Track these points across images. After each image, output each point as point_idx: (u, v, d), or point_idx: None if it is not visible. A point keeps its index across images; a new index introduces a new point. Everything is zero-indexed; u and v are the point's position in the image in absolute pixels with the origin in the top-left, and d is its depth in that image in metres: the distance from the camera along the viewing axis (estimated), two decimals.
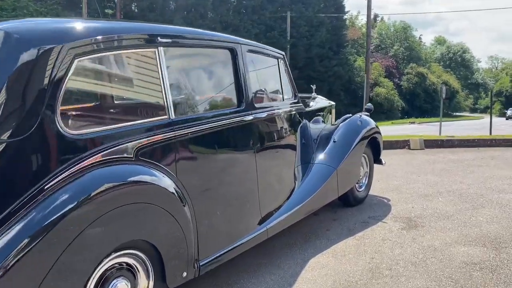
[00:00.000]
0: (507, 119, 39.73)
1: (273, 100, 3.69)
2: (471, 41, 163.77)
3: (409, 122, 35.32)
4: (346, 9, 37.26)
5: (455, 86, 49.95)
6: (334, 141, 4.43)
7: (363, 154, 4.99)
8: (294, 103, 3.92)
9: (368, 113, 5.11)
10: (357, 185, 4.93)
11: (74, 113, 2.28)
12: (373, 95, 39.12)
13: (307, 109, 4.34)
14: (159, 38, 2.38)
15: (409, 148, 9.51)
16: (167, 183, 2.33)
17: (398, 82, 43.93)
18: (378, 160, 5.35)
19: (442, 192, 5.55)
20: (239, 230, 2.93)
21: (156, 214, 2.24)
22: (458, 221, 4.35)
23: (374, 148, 5.20)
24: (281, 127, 3.62)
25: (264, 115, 3.20)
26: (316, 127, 4.67)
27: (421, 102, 45.07)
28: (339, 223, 4.34)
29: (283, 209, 3.43)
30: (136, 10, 27.52)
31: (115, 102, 2.65)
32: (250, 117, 3.00)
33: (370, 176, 5.15)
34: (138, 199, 2.16)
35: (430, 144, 9.78)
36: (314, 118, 4.80)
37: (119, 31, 2.25)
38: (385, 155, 9.02)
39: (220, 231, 2.75)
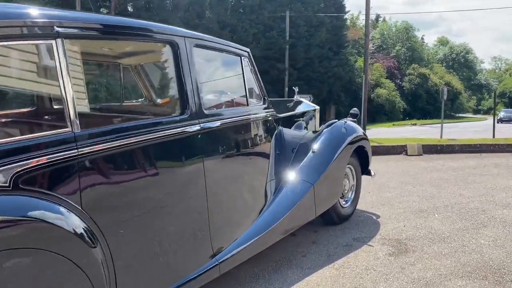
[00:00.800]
0: (498, 122, 36.69)
1: (233, 105, 3.12)
2: (474, 41, 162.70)
3: (411, 123, 34.70)
4: (347, 9, 36.62)
5: (458, 87, 49.22)
6: (312, 152, 3.85)
7: (349, 166, 4.42)
8: (263, 108, 3.35)
9: (354, 119, 4.52)
10: (341, 200, 4.36)
11: None
12: (374, 96, 38.55)
13: (281, 115, 3.76)
14: (56, 27, 1.80)
15: (406, 154, 8.92)
16: (67, 219, 1.76)
17: (400, 83, 43.29)
18: (366, 171, 4.78)
19: (439, 207, 4.96)
20: (178, 269, 2.35)
21: (48, 264, 1.67)
22: (456, 245, 3.76)
23: (362, 158, 4.62)
24: (244, 138, 3.05)
25: (217, 124, 2.62)
26: (294, 136, 4.10)
27: (423, 103, 44.41)
28: (318, 246, 3.76)
29: (243, 237, 2.85)
30: (131, 9, 26.98)
31: None
32: (195, 127, 2.42)
33: (357, 190, 4.57)
34: (18, 243, 1.59)
35: (429, 149, 9.18)
36: (293, 124, 4.24)
37: None
38: (380, 161, 8.46)
39: (150, 273, 2.18)
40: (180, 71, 2.40)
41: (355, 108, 4.54)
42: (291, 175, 3.61)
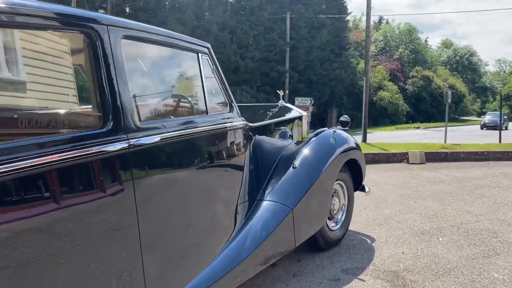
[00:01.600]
0: (482, 128, 29.68)
1: (186, 114, 2.52)
2: (478, 44, 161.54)
3: (414, 127, 33.98)
4: (349, 11, 35.95)
5: (462, 90, 48.40)
6: (293, 167, 3.24)
7: (338, 182, 3.82)
8: (228, 117, 2.74)
9: (345, 128, 3.92)
10: (330, 222, 3.75)
11: None
12: (377, 99, 37.87)
13: (256, 124, 3.16)
14: None
15: (408, 162, 8.31)
16: None
17: (403, 85, 42.56)
18: (360, 187, 4.17)
19: (443, 227, 4.33)
20: None
21: None
22: (464, 279, 3.14)
23: (355, 172, 4.01)
24: (201, 155, 2.45)
25: (154, 139, 2.01)
26: (276, 147, 3.50)
27: (426, 106, 43.64)
28: (300, 281, 3.14)
29: (195, 283, 2.24)
30: (128, 10, 26.47)
31: None
32: (120, 145, 1.82)
33: (348, 210, 3.96)
34: None
35: (432, 157, 8.56)
36: (273, 134, 3.64)
37: None
38: (379, 170, 7.81)
39: None
40: (99, 70, 1.79)
41: (345, 115, 3.93)
42: (268, 197, 3.00)
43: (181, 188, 2.26)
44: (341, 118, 3.92)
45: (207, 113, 2.53)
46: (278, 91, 4.57)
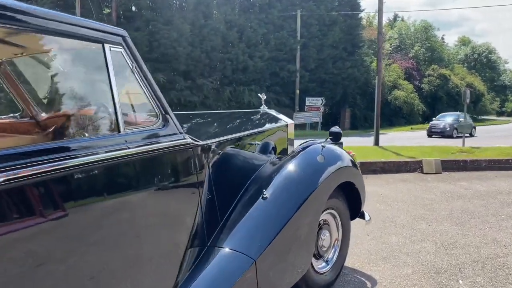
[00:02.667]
0: (429, 135, 21.46)
1: (81, 133, 1.74)
2: (497, 41, 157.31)
3: None
4: (362, 7, 34.90)
5: (481, 89, 46.77)
6: (263, 197, 2.43)
7: (330, 211, 3.00)
8: (158, 134, 1.94)
9: (338, 141, 3.09)
10: (318, 263, 2.94)
11: None
12: (391, 98, 36.73)
13: (207, 141, 2.33)
14: None
15: (422, 172, 7.40)
16: None
17: (419, 84, 41.24)
18: (359, 214, 3.35)
19: (465, 263, 3.47)
20: None
21: None
22: None
23: (351, 196, 3.19)
24: (109, 189, 1.66)
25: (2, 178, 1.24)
26: (248, 166, 2.70)
27: (443, 106, 42.18)
28: None
29: None
30: (134, 9, 25.87)
31: None
32: None
33: (343, 246, 3.14)
34: None
35: (450, 165, 7.65)
36: (244, 151, 2.83)
37: None
38: (389, 182, 6.88)
39: None
40: None
41: (336, 127, 3.09)
42: (221, 242, 2.20)
43: (78, 242, 1.48)
44: (332, 129, 3.07)
45: (120, 131, 1.74)
46: (259, 94, 3.75)
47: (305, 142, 3.32)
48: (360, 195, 3.19)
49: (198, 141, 2.21)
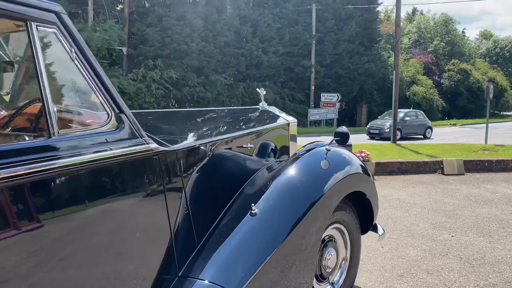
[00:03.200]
0: (370, 136, 18.93)
1: None
2: None
3: (450, 124, 31.80)
4: (380, 1, 33.99)
5: (503, 84, 45.28)
6: (251, 214, 2.00)
7: (337, 224, 2.56)
8: (106, 139, 1.51)
9: (347, 144, 2.63)
10: (320, 286, 2.50)
11: None
12: (409, 94, 35.83)
13: (177, 147, 1.88)
14: None
15: (443, 173, 6.86)
16: None
17: (438, 79, 40.12)
18: (372, 227, 2.89)
19: (495, 285, 2.99)
20: None
21: None
22: None
23: (362, 207, 2.74)
24: (35, 214, 1.26)
25: None
26: (229, 179, 2.26)
27: (464, 102, 41.01)
28: None
29: None
30: (147, 5, 25.61)
31: None
32: None
33: (352, 265, 2.69)
34: None
35: (473, 166, 7.09)
36: (228, 159, 2.38)
37: None
38: (407, 184, 6.32)
39: None
40: None
41: (343, 127, 2.63)
42: (195, 272, 1.78)
43: None
44: (338, 129, 2.61)
45: (52, 135, 1.33)
46: (257, 89, 3.32)
47: (309, 144, 2.90)
48: (372, 206, 2.74)
49: (169, 146, 1.79)
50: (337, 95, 27.91)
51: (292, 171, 2.31)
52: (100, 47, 21.93)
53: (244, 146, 2.43)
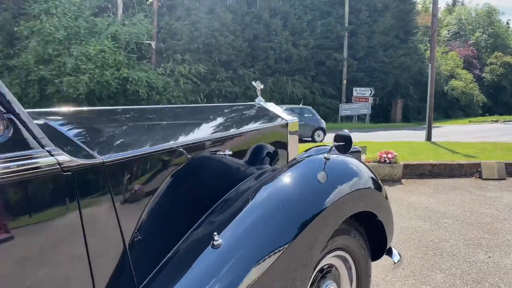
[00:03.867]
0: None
1: None
2: None
3: (491, 120, 30.13)
4: None
5: None
6: (213, 246, 1.52)
7: (339, 252, 2.05)
8: None
9: (347, 150, 2.08)
10: None
11: None
12: (448, 89, 34.30)
13: (106, 156, 1.40)
14: None
15: (480, 177, 6.14)
16: None
17: (479, 74, 38.23)
18: (386, 251, 2.35)
19: None
20: None
21: None
22: None
23: (372, 228, 2.20)
24: None
25: None
26: (192, 199, 1.79)
27: (507, 97, 38.94)
28: None
29: None
30: None
31: None
32: None
33: None
34: None
35: None
36: (193, 172, 1.90)
37: None
38: (438, 191, 5.52)
39: None
40: None
41: (345, 130, 2.09)
42: None
43: None
44: (339, 133, 2.06)
45: None
46: (253, 82, 2.82)
47: (313, 148, 2.41)
48: (385, 229, 2.20)
49: (94, 158, 1.32)
50: (370, 90, 26.94)
51: (277, 185, 1.82)
52: (129, 41, 21.93)
53: (219, 153, 1.95)
